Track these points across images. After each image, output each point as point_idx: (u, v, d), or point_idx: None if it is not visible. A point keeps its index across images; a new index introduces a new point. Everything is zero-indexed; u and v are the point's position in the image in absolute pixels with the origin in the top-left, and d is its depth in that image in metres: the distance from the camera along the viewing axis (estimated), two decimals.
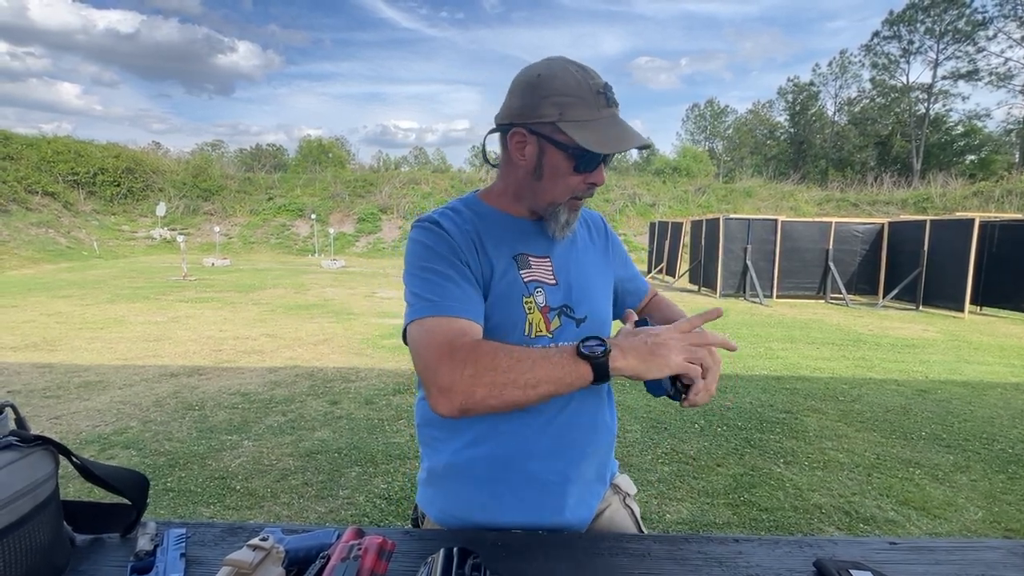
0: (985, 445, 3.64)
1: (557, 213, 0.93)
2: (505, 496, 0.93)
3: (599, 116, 0.85)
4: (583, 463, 0.97)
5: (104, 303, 8.80)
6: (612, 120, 0.86)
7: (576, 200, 0.93)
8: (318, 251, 21.07)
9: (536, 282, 0.94)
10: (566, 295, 0.96)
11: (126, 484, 0.85)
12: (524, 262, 0.94)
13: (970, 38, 35.25)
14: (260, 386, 4.60)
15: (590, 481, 1.00)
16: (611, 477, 1.08)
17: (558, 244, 0.99)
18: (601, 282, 1.04)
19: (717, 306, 0.88)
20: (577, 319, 0.96)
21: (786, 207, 23.17)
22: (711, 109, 55.81)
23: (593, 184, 0.91)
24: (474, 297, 0.87)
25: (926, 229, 10.29)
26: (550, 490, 0.94)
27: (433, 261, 0.87)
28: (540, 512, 0.93)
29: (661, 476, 3.08)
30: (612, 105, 0.86)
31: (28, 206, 18.40)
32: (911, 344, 7.06)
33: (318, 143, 40.25)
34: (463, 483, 0.95)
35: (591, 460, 0.98)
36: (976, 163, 36.69)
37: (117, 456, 3.20)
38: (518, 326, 0.91)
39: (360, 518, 2.58)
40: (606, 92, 0.86)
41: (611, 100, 0.86)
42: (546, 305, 0.93)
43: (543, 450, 0.93)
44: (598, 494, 1.02)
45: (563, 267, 0.98)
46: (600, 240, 1.09)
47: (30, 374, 4.81)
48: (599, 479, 1.03)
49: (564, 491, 0.94)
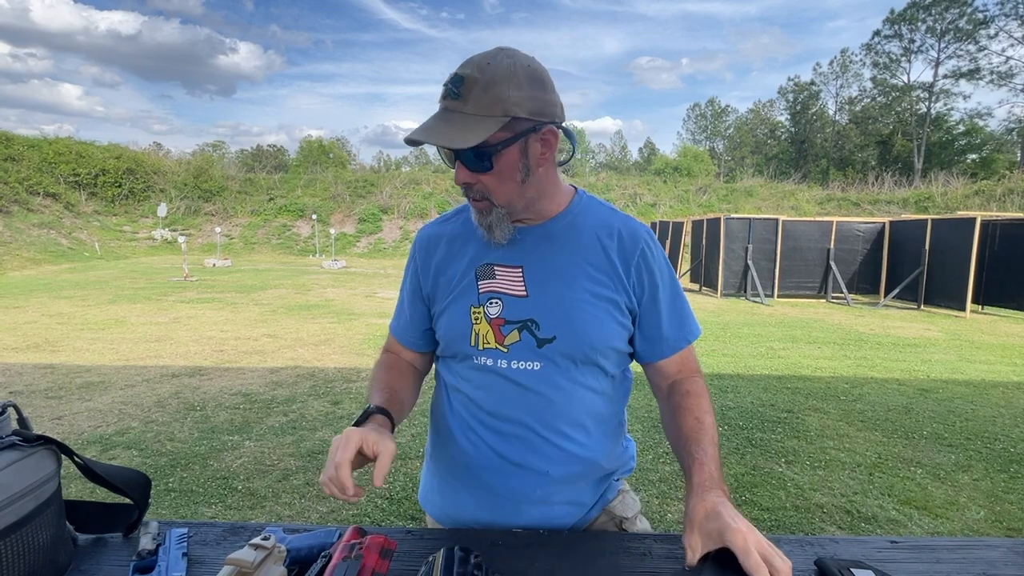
0: (987, 444, 3.64)
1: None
2: (460, 493, 0.98)
3: (438, 108, 0.83)
4: (523, 470, 0.92)
5: (105, 304, 8.81)
6: (437, 113, 0.82)
7: (473, 200, 0.88)
8: (319, 251, 21.08)
9: (494, 293, 0.91)
10: (535, 309, 0.89)
11: (128, 484, 0.85)
12: (486, 272, 0.92)
13: (971, 37, 35.21)
14: (261, 386, 4.61)
15: (546, 491, 0.93)
16: (601, 499, 0.99)
17: (534, 252, 0.91)
18: (593, 304, 0.90)
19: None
20: (540, 338, 0.89)
21: (787, 207, 23.14)
22: (712, 109, 55.81)
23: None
24: (413, 319, 1.02)
25: (927, 228, 10.28)
26: (496, 491, 0.95)
27: (404, 279, 1.05)
28: (491, 512, 0.95)
29: (662, 476, 3.08)
30: (446, 97, 0.81)
31: (30, 207, 18.43)
32: (913, 343, 7.05)
33: (319, 143, 40.27)
34: (432, 475, 1.06)
35: (533, 469, 0.92)
36: (977, 162, 36.63)
37: (119, 456, 3.21)
38: (466, 336, 0.92)
39: (361, 518, 2.58)
40: (447, 84, 0.81)
41: (447, 92, 0.80)
42: (500, 317, 0.90)
43: (483, 453, 0.95)
44: (566, 513, 0.96)
45: (539, 278, 0.90)
46: (621, 258, 0.92)
47: (32, 375, 4.82)
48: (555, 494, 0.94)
49: (506, 493, 0.93)
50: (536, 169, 0.86)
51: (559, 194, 0.94)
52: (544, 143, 0.85)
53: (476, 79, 0.78)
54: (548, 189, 0.91)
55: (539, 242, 0.92)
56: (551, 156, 0.87)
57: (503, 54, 0.81)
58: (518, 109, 0.79)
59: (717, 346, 6.61)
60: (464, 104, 0.79)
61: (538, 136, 0.83)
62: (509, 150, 0.82)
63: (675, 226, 15.24)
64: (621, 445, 1.02)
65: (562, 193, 0.95)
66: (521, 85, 0.79)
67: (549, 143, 0.85)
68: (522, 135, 0.81)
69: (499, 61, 0.80)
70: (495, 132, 0.78)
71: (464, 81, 0.79)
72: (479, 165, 0.82)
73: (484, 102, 0.78)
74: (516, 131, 0.81)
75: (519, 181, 0.85)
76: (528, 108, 0.80)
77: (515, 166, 0.83)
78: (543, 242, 0.92)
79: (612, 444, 0.98)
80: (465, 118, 0.79)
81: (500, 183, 0.84)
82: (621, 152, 63.23)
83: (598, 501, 0.98)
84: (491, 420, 0.92)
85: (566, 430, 0.91)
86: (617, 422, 1.00)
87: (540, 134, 0.83)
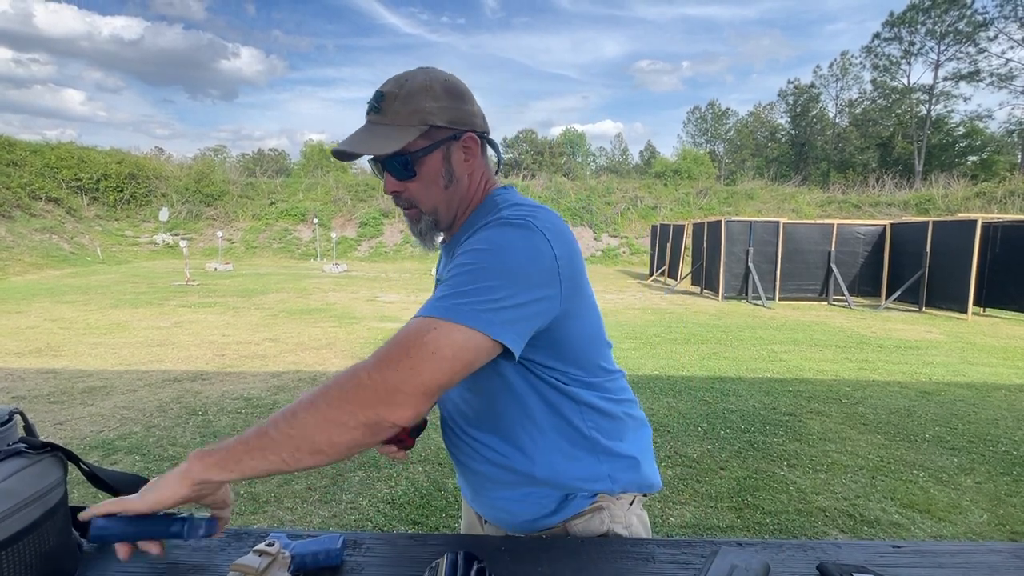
0: (989, 447, 3.63)
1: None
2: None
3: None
4: (469, 474, 0.99)
5: (107, 308, 8.83)
6: (362, 127, 0.88)
7: (404, 210, 0.93)
8: (320, 255, 21.10)
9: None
10: None
11: (133, 490, 0.85)
12: (440, 280, 0.96)
13: (971, 39, 35.25)
14: (263, 391, 4.61)
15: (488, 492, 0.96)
16: (559, 511, 0.93)
17: (451, 260, 0.88)
18: None
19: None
20: None
21: (788, 209, 23.14)
22: (712, 111, 55.87)
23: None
24: None
25: (928, 230, 10.27)
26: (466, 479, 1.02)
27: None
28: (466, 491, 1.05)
29: (664, 479, 3.07)
30: (369, 112, 0.87)
31: (32, 212, 18.48)
32: (914, 346, 7.04)
33: (321, 147, 40.37)
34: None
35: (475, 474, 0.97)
36: (978, 164, 36.62)
37: (121, 461, 3.21)
38: None
39: (364, 523, 2.58)
40: (370, 100, 0.87)
41: (370, 107, 0.87)
42: None
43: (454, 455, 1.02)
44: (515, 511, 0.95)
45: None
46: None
47: (34, 379, 4.82)
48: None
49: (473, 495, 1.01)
50: (461, 176, 0.90)
51: (480, 200, 0.94)
52: (466, 150, 0.89)
53: (395, 93, 0.85)
54: (473, 196, 0.93)
55: (451, 251, 0.95)
56: (475, 163, 0.91)
57: (421, 71, 0.87)
58: (435, 118, 0.84)
59: (719, 349, 6.61)
60: (384, 117, 0.85)
61: (459, 143, 0.88)
62: (431, 157, 0.86)
63: (676, 229, 15.24)
64: (583, 462, 0.93)
65: (485, 203, 0.93)
66: (438, 97, 0.85)
67: (471, 150, 0.89)
68: (442, 142, 0.86)
69: (416, 77, 0.86)
70: (414, 140, 0.83)
71: (384, 96, 0.85)
72: (403, 173, 0.87)
73: (403, 113, 0.84)
74: (435, 139, 0.85)
75: (443, 187, 0.89)
76: (446, 117, 0.85)
77: (438, 172, 0.88)
78: (450, 249, 0.96)
79: (556, 458, 0.92)
80: (386, 128, 0.85)
81: (425, 189, 0.88)
82: (622, 155, 63.31)
83: (555, 511, 0.93)
84: (442, 412, 1.03)
85: (481, 435, 0.94)
86: (581, 437, 0.92)
87: (461, 141, 0.88)
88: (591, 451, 0.94)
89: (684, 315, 9.37)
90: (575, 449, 0.92)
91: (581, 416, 0.92)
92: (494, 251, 0.76)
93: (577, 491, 0.93)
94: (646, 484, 0.98)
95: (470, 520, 1.09)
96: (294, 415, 0.70)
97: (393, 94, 0.85)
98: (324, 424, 0.69)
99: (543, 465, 0.91)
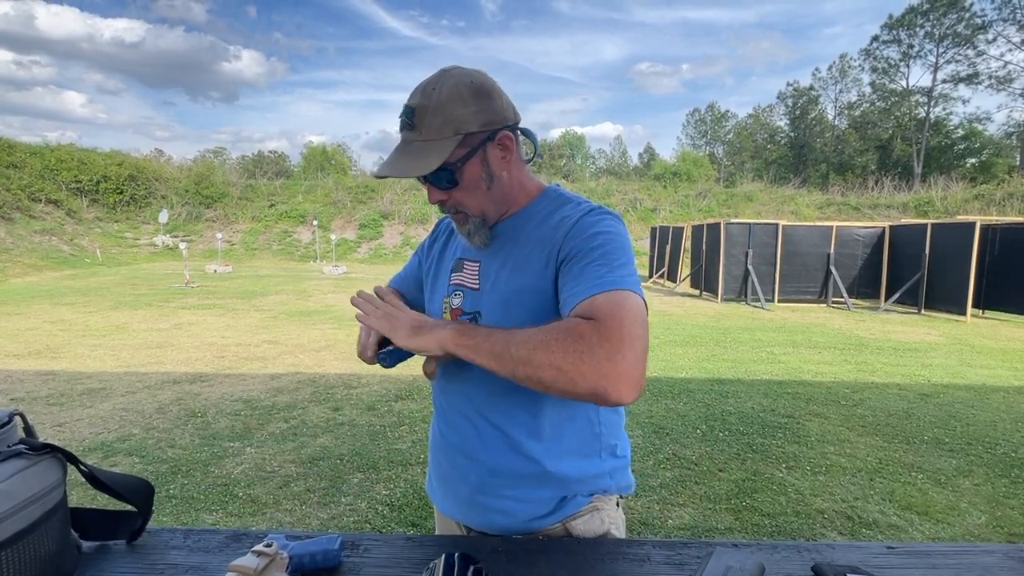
0: (988, 449, 3.64)
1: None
2: (431, 474, 1.07)
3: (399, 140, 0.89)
4: (465, 468, 0.97)
5: (107, 310, 8.83)
6: (398, 145, 0.88)
7: (451, 214, 0.96)
8: (320, 257, 21.11)
9: (459, 286, 0.98)
10: (483, 302, 0.94)
11: (132, 491, 0.86)
12: (459, 265, 1.00)
13: (970, 42, 35.33)
14: (262, 393, 4.61)
15: (484, 490, 0.95)
16: (558, 511, 0.94)
17: (492, 247, 0.95)
18: (531, 297, 0.88)
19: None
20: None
21: (787, 211, 23.17)
22: (712, 114, 55.93)
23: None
24: (406, 280, 1.14)
25: (927, 233, 10.28)
26: (444, 473, 1.02)
27: (418, 248, 1.16)
28: (443, 493, 1.03)
29: (663, 481, 3.08)
30: (403, 129, 0.87)
31: (31, 214, 18.49)
32: (913, 348, 7.05)
33: (321, 149, 40.39)
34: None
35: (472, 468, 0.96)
36: (977, 166, 36.67)
37: (120, 463, 3.21)
38: None
39: (363, 524, 2.58)
40: (401, 116, 0.87)
41: (403, 124, 0.87)
42: (459, 308, 0.96)
43: (446, 442, 1.02)
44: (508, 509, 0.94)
45: (489, 273, 0.94)
46: (558, 239, 0.87)
47: (33, 381, 4.83)
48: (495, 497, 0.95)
49: (460, 489, 0.99)
50: (500, 174, 0.91)
51: (525, 192, 0.97)
52: (502, 148, 0.90)
53: (426, 106, 0.84)
54: (515, 189, 0.95)
55: (497, 237, 0.96)
56: (512, 158, 0.92)
57: (446, 76, 0.86)
58: (469, 125, 0.85)
59: (718, 351, 6.61)
60: (419, 133, 0.85)
61: (495, 143, 0.88)
62: (470, 164, 0.87)
63: (675, 231, 15.25)
64: (591, 460, 0.96)
65: (528, 191, 0.98)
66: (468, 102, 0.85)
67: (507, 147, 0.90)
68: (479, 147, 0.87)
69: (443, 84, 0.85)
70: (452, 151, 0.84)
71: (415, 111, 0.85)
72: (446, 184, 0.88)
73: (436, 126, 0.84)
74: (472, 145, 0.86)
75: (486, 189, 0.91)
76: (478, 121, 0.85)
77: (479, 176, 0.89)
78: (500, 237, 0.96)
79: (566, 452, 0.94)
80: (422, 145, 0.85)
81: (469, 195, 0.90)
82: (621, 157, 63.30)
83: (553, 511, 0.94)
84: (443, 402, 1.02)
85: (498, 421, 0.93)
86: (590, 433, 0.95)
87: (496, 141, 0.88)
88: (597, 448, 0.97)
89: (683, 317, 9.38)
90: (584, 445, 0.96)
91: (596, 410, 0.96)
92: (614, 235, 0.85)
93: (578, 491, 0.95)
94: (629, 485, 1.02)
95: (448, 531, 1.05)
96: (535, 352, 0.73)
97: (424, 107, 0.84)
98: (558, 376, 0.72)
99: (557, 457, 0.93)
